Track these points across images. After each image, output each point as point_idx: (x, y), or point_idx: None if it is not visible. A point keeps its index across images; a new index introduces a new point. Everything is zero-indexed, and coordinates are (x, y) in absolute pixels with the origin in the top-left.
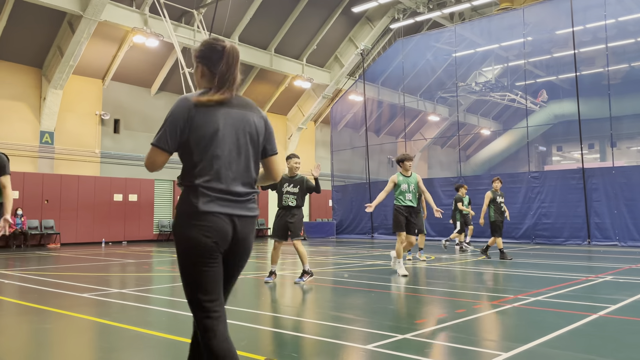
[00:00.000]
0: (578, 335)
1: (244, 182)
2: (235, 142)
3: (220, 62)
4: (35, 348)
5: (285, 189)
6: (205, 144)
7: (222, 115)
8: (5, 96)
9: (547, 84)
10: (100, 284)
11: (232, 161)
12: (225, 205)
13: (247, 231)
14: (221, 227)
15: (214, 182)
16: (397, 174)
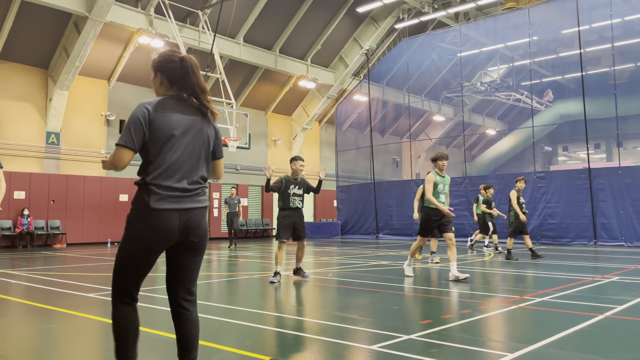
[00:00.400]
0: (584, 336)
1: (192, 181)
2: (188, 145)
3: (177, 71)
4: (42, 348)
5: (292, 191)
6: (160, 146)
7: (178, 120)
8: (12, 97)
9: (553, 84)
10: (106, 284)
11: (184, 162)
12: (173, 202)
13: (197, 220)
14: (168, 222)
15: (165, 180)
16: (434, 173)
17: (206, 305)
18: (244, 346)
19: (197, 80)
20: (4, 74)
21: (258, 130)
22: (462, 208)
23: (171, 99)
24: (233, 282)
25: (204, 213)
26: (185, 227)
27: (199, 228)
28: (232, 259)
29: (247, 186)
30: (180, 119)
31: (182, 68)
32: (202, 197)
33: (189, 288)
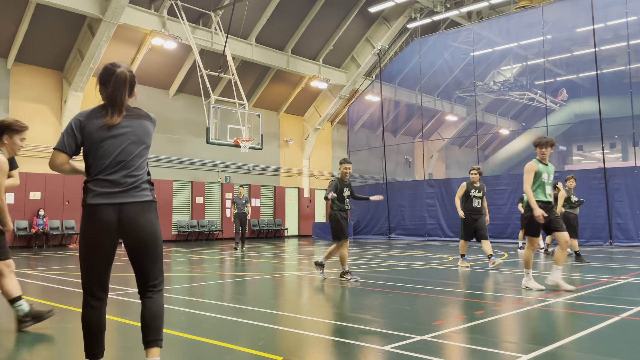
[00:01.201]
0: (600, 337)
1: (126, 176)
2: (120, 147)
3: (108, 84)
4: (58, 346)
5: (345, 194)
6: (94, 150)
7: (107, 127)
8: (28, 99)
9: (567, 83)
10: (120, 283)
11: (116, 163)
12: (107, 197)
13: (133, 215)
14: (103, 216)
15: (99, 180)
16: (535, 161)
17: (219, 305)
18: (256, 346)
19: (125, 94)
20: (20, 76)
21: (270, 130)
22: None
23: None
24: (245, 282)
25: (143, 209)
26: (120, 222)
27: (135, 222)
28: (245, 260)
29: (259, 186)
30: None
31: (112, 80)
32: (140, 192)
33: (145, 276)
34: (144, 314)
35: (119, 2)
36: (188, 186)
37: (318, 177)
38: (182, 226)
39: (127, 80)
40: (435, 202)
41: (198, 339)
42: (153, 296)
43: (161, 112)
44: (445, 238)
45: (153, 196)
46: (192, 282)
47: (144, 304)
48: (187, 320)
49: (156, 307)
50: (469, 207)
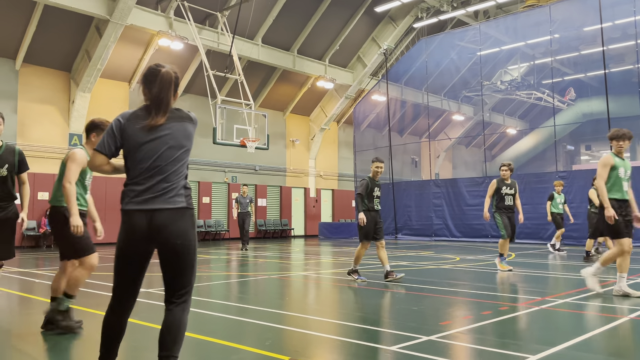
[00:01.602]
0: (608, 338)
1: (161, 181)
2: (158, 151)
3: (153, 84)
4: (65, 346)
5: (375, 193)
6: (133, 154)
7: (150, 129)
8: (36, 100)
9: (575, 82)
10: None
11: (152, 168)
12: (140, 203)
13: (164, 222)
14: (135, 222)
15: (135, 185)
16: (611, 155)
17: (225, 305)
18: (263, 346)
19: (170, 95)
20: (27, 77)
21: (276, 130)
22: (483, 208)
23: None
24: (252, 282)
25: (176, 216)
26: (151, 228)
27: (166, 230)
28: (251, 260)
29: (265, 186)
30: (152, 127)
31: (158, 81)
32: (175, 198)
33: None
34: (162, 326)
35: (126, 3)
36: (195, 186)
37: (324, 177)
38: None
39: (173, 81)
40: (442, 202)
41: (205, 339)
42: (173, 308)
43: None
44: (452, 238)
45: (188, 202)
46: (199, 282)
47: (164, 316)
48: (194, 320)
49: (173, 320)
50: (502, 205)
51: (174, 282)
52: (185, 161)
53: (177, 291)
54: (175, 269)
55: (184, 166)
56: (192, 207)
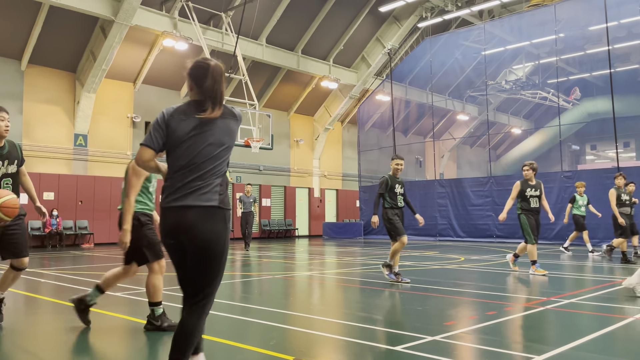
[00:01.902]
0: (613, 339)
1: (196, 178)
2: (197, 149)
3: (205, 78)
4: (71, 345)
5: (397, 190)
6: (173, 150)
7: (192, 123)
8: (41, 100)
9: (580, 81)
10: (132, 283)
11: (189, 165)
12: (174, 200)
13: (193, 220)
14: (169, 219)
15: (172, 182)
16: None
17: (230, 304)
18: (267, 346)
19: (222, 88)
20: (33, 77)
21: (280, 131)
22: (488, 208)
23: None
24: (256, 282)
25: (206, 214)
26: (182, 226)
27: (195, 229)
28: (255, 259)
29: (269, 186)
30: (196, 121)
31: (209, 74)
32: (210, 195)
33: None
34: (177, 328)
35: (130, 4)
36: None
37: (328, 177)
38: None
39: (223, 74)
40: (447, 202)
41: (209, 339)
42: (192, 312)
43: None
44: (457, 238)
45: (222, 202)
46: None
47: (181, 318)
48: None
49: (189, 325)
50: (527, 207)
51: (194, 284)
52: (224, 159)
53: (197, 294)
54: (199, 270)
55: (222, 164)
56: (226, 207)
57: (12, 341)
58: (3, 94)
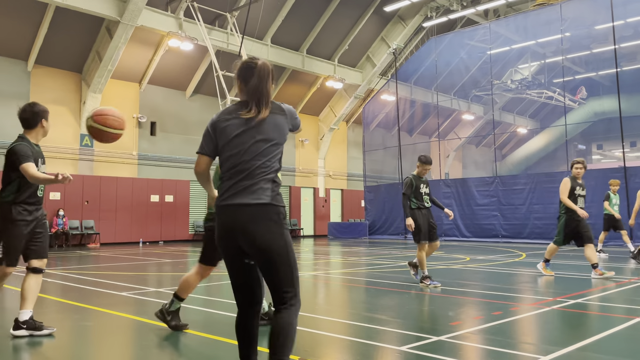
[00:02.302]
0: (619, 339)
1: (246, 177)
2: (244, 146)
3: (251, 78)
4: (77, 344)
5: (422, 190)
6: (223, 151)
7: (238, 122)
8: (47, 100)
9: (587, 81)
10: (138, 282)
11: (238, 163)
12: (226, 199)
13: (247, 218)
14: (222, 219)
15: (224, 181)
16: None
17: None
18: None
19: (269, 86)
20: (40, 78)
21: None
22: (493, 208)
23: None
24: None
25: (256, 211)
26: (237, 223)
27: (248, 227)
28: None
29: None
30: (242, 121)
31: (256, 73)
32: (259, 193)
33: (273, 289)
34: (270, 328)
35: (136, 5)
36: None
37: (333, 177)
38: (199, 226)
39: (270, 72)
40: (452, 201)
41: (214, 338)
42: (280, 311)
43: (178, 113)
44: (462, 238)
45: (273, 198)
46: (209, 282)
47: (273, 318)
48: (204, 319)
49: (278, 323)
50: None
51: (271, 283)
52: (274, 155)
53: (278, 293)
54: (267, 268)
55: (272, 160)
56: (279, 204)
57: (18, 341)
58: (10, 94)
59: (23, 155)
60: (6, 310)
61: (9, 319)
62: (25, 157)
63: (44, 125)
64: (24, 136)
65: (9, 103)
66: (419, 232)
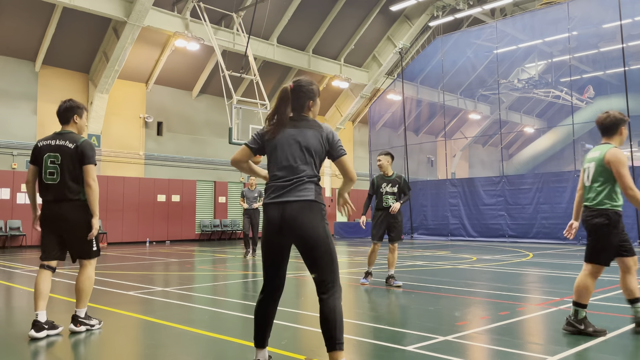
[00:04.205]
0: (627, 339)
1: (288, 177)
2: (287, 150)
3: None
4: (85, 343)
5: (384, 190)
6: (270, 154)
7: (283, 132)
8: (55, 101)
9: (594, 80)
10: (145, 282)
11: (286, 165)
12: (276, 197)
13: (294, 213)
14: (269, 214)
15: (271, 181)
16: None
17: (242, 303)
18: (279, 345)
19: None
20: (47, 78)
21: None
22: (500, 208)
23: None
24: None
25: (302, 207)
26: (283, 219)
27: (296, 222)
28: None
29: None
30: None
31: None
32: (300, 192)
33: (316, 277)
34: (319, 316)
35: (143, 5)
36: (211, 186)
37: (339, 177)
38: (205, 226)
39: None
40: (459, 201)
41: (221, 337)
42: (323, 298)
43: (184, 113)
44: (469, 238)
45: (317, 197)
46: (215, 281)
47: (319, 306)
48: (210, 318)
49: (323, 310)
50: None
51: (316, 274)
52: (312, 163)
53: (321, 283)
54: (310, 259)
55: (310, 167)
56: (321, 202)
57: (27, 339)
58: (18, 94)
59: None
60: (14, 309)
61: (17, 318)
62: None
63: (77, 122)
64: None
65: (17, 103)
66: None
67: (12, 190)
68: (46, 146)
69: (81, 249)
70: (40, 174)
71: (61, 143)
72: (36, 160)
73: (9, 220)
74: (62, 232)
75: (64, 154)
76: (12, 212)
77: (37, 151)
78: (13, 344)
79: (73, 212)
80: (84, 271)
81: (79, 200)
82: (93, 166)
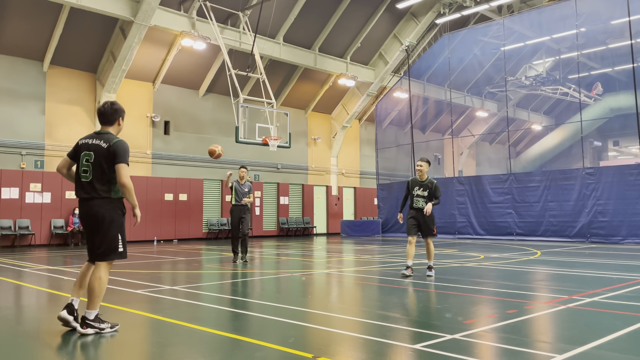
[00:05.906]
0: (637, 337)
1: None
2: None
3: None
4: (94, 342)
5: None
6: None
7: None
8: (63, 100)
9: (602, 76)
10: (152, 280)
11: None
12: None
13: None
14: None
15: None
16: None
17: (249, 302)
18: (287, 343)
19: None
20: (55, 78)
21: (298, 129)
22: (507, 206)
23: None
24: (275, 279)
25: None
26: None
27: None
28: (274, 258)
29: (287, 185)
30: None
31: None
32: None
33: None
34: None
35: (149, 5)
36: (218, 185)
37: (346, 175)
38: (213, 224)
39: None
40: (466, 199)
41: (229, 336)
42: None
43: (191, 112)
44: (476, 236)
45: None
46: (222, 280)
47: None
48: (218, 316)
49: None
50: None
51: None
52: None
53: None
54: None
55: None
56: None
57: (36, 337)
58: (26, 94)
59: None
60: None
61: (26, 316)
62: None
63: (120, 124)
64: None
65: (25, 103)
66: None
67: (21, 190)
68: (84, 145)
69: (103, 248)
70: (78, 172)
71: (97, 142)
72: (75, 157)
73: (18, 219)
74: (92, 229)
75: (97, 153)
76: (21, 211)
77: (77, 148)
78: (22, 342)
79: (100, 209)
80: (96, 271)
81: (108, 198)
82: (125, 165)
